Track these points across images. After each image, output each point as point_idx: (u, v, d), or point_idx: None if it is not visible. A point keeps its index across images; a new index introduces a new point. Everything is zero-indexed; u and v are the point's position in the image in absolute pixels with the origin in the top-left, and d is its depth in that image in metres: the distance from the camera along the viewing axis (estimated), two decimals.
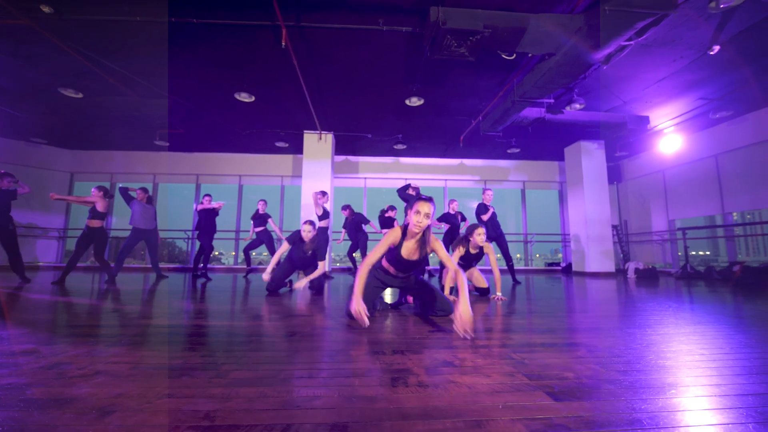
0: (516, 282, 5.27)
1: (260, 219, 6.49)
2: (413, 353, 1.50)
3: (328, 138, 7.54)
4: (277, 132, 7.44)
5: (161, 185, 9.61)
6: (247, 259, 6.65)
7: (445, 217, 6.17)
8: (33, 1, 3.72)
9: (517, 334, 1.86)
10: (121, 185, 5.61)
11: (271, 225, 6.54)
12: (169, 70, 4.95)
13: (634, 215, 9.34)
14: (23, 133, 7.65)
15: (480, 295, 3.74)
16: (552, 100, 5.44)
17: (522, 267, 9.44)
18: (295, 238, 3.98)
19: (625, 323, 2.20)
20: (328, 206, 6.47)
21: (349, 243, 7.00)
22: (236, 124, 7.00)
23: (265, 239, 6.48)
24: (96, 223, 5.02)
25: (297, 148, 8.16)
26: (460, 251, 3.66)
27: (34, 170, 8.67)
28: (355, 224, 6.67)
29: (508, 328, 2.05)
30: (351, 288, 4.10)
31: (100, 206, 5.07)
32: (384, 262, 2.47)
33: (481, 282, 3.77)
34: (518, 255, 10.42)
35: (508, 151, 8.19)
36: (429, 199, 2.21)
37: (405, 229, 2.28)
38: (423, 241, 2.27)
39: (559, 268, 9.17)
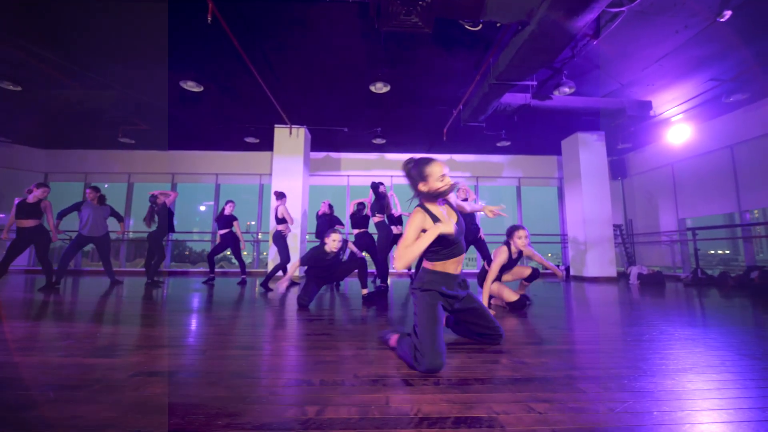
0: None
1: (225, 221, 5.97)
2: None
3: (301, 133, 7.00)
4: (246, 127, 6.93)
5: (138, 185, 9.25)
6: (211, 265, 6.09)
7: None
8: None
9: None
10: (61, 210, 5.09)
11: (236, 228, 5.99)
12: (103, 57, 4.48)
13: (640, 214, 8.54)
14: None
15: (511, 309, 3.20)
16: (534, 83, 4.78)
17: None
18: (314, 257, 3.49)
19: (607, 367, 1.58)
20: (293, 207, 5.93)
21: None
22: (193, 117, 6.50)
23: (231, 242, 5.95)
24: (28, 223, 4.56)
25: (270, 144, 7.63)
26: (502, 258, 3.15)
27: (6, 171, 8.38)
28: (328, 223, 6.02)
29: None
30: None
31: (44, 203, 4.63)
32: (434, 266, 1.79)
33: (512, 295, 3.24)
34: None
35: (498, 144, 7.51)
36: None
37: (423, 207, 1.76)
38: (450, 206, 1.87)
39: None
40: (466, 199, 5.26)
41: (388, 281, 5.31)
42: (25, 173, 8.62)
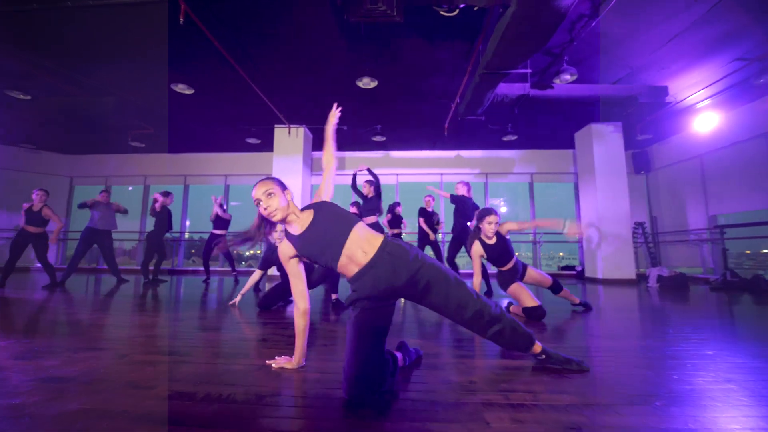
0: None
1: (221, 222, 6.05)
2: None
3: (300, 132, 6.98)
4: (246, 128, 6.99)
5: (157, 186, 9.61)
6: (206, 267, 6.14)
7: (422, 213, 5.46)
8: None
9: None
10: (80, 202, 5.35)
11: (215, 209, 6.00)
12: (97, 62, 4.61)
13: (666, 210, 7.87)
14: (10, 138, 7.84)
15: (527, 317, 2.78)
16: (529, 70, 4.46)
17: None
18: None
19: (493, 384, 1.36)
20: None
21: None
22: (191, 120, 6.60)
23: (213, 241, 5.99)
24: (34, 230, 4.79)
25: (271, 145, 7.68)
26: (478, 248, 2.93)
27: (37, 176, 8.94)
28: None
29: None
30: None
31: (45, 211, 4.82)
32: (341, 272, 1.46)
33: (530, 300, 2.78)
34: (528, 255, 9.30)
35: (504, 138, 7.15)
36: (258, 183, 1.47)
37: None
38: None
39: (574, 272, 7.95)
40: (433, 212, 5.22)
41: None
42: (51, 177, 9.16)
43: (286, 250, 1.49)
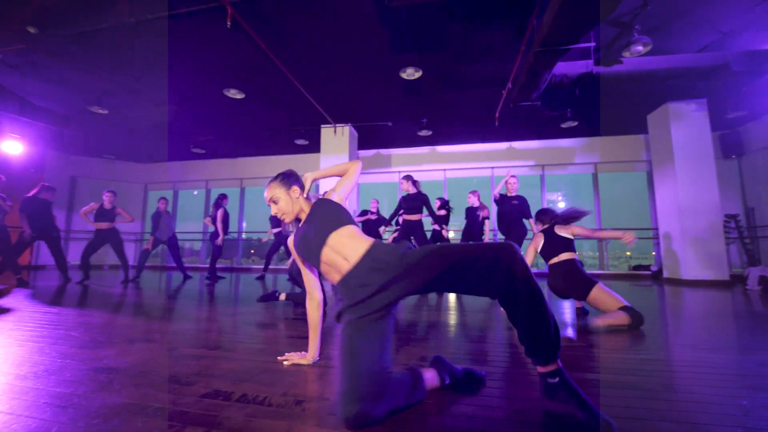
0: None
1: (276, 220, 6.34)
2: None
3: (345, 130, 6.99)
4: (295, 129, 7.16)
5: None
6: (266, 262, 6.57)
7: (467, 213, 5.23)
8: (20, 23, 3.97)
9: None
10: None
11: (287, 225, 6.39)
12: (156, 74, 4.96)
13: (767, 200, 6.67)
14: (92, 150, 8.82)
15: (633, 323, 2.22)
16: (592, 44, 3.96)
17: (596, 271, 7.54)
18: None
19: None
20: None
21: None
22: (242, 123, 6.87)
23: (283, 241, 6.31)
24: (103, 225, 5.24)
25: (318, 145, 7.82)
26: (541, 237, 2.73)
27: (116, 183, 10.02)
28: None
29: None
30: None
31: (118, 210, 5.34)
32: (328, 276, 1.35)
33: (616, 301, 2.31)
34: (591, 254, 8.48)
35: (563, 125, 6.53)
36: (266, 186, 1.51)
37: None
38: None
39: (649, 273, 7.06)
40: (476, 207, 4.95)
41: None
42: (128, 184, 10.20)
43: (291, 243, 1.53)
